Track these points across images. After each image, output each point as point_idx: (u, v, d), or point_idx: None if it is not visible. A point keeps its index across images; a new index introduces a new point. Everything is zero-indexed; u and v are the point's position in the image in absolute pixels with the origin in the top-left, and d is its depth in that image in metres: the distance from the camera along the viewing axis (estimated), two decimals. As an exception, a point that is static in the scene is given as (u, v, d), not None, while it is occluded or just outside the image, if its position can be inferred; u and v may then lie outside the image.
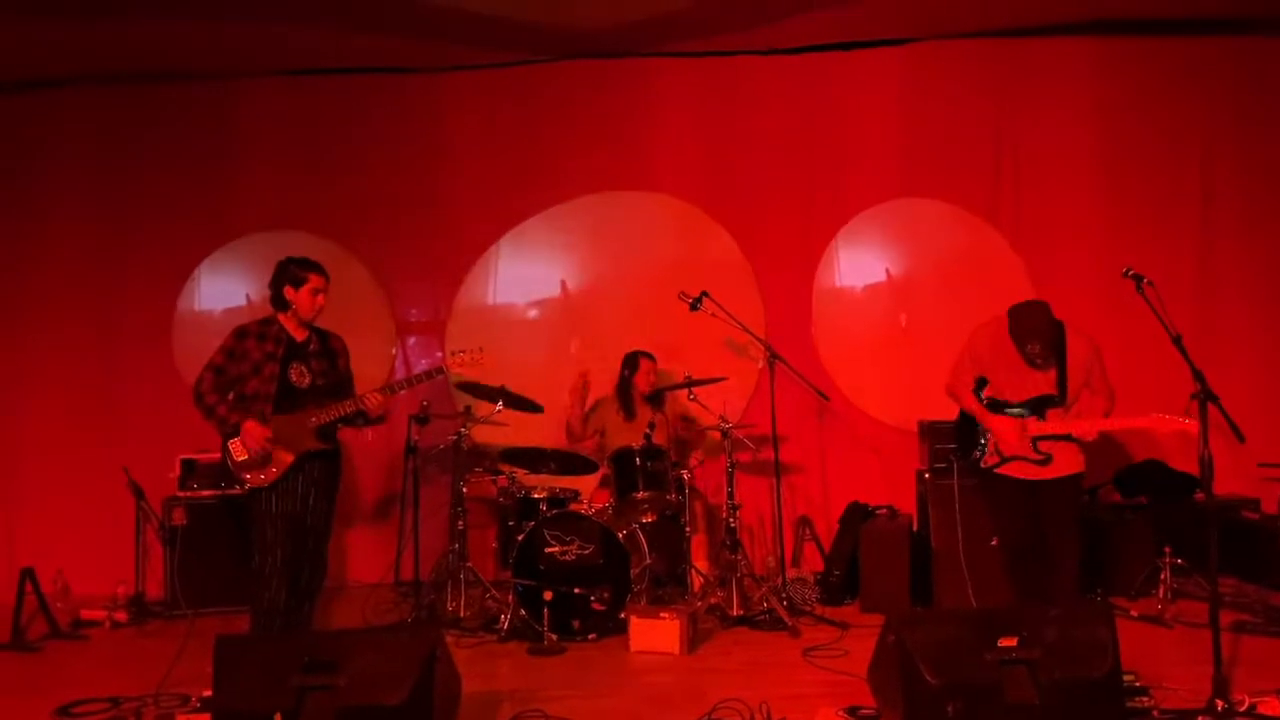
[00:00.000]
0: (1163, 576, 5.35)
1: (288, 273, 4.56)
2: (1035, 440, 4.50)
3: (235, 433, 4.41)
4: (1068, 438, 4.50)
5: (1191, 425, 4.01)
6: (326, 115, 6.88)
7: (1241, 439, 3.90)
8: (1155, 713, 3.65)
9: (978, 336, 4.71)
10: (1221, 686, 3.61)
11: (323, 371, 4.59)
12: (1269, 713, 3.59)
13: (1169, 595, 5.30)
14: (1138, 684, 3.77)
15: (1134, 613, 5.20)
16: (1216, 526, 3.89)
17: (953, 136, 6.72)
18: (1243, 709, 3.62)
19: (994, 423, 4.57)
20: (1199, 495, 5.70)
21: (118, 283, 6.79)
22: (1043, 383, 4.54)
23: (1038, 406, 4.53)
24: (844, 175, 6.79)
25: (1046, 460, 4.50)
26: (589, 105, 6.88)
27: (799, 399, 6.34)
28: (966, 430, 4.79)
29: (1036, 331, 4.40)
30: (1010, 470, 4.57)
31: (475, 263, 6.90)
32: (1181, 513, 5.73)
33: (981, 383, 4.69)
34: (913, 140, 6.74)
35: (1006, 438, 4.53)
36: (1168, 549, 5.41)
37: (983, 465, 4.67)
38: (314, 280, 4.54)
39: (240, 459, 4.41)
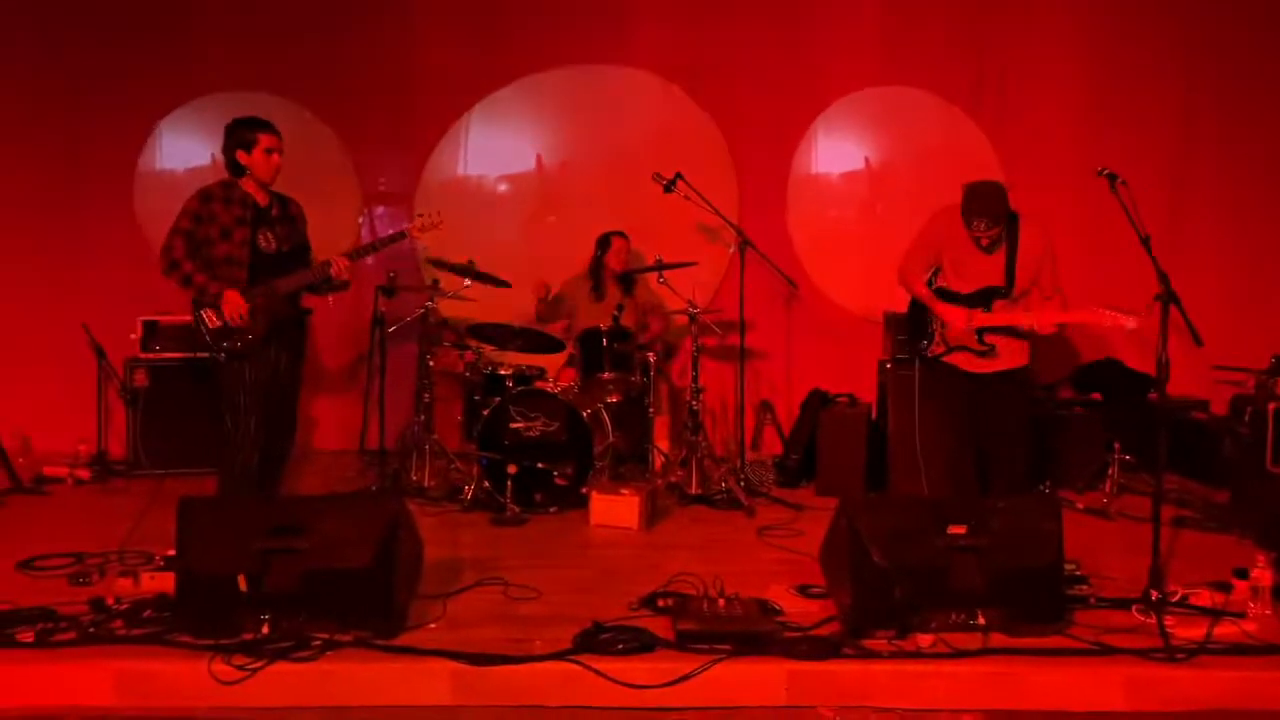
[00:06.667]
0: (1110, 472, 5.50)
1: (236, 136, 4.34)
2: (980, 332, 4.46)
3: (213, 303, 4.28)
4: (1013, 330, 4.45)
5: (1129, 321, 4.06)
6: (295, -30, 6.58)
7: (1199, 343, 3.93)
8: (1092, 600, 3.78)
9: (936, 220, 4.61)
10: (1157, 578, 3.74)
11: (287, 236, 4.48)
12: (1200, 604, 3.74)
13: (1115, 490, 5.46)
14: (1078, 573, 3.91)
15: (1080, 505, 5.35)
16: (1167, 426, 3.98)
17: (938, 25, 6.59)
18: (1175, 599, 3.76)
19: (942, 309, 4.53)
20: (1152, 395, 5.81)
21: (76, 141, 6.57)
22: (991, 273, 4.46)
23: (984, 298, 4.46)
24: (825, 59, 6.66)
25: (990, 352, 4.46)
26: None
27: (768, 286, 6.33)
28: (917, 319, 4.78)
29: (986, 208, 4.28)
30: (955, 361, 4.56)
31: (446, 132, 6.74)
32: (1133, 411, 5.85)
33: (935, 275, 4.64)
34: (896, 26, 6.61)
35: (955, 325, 4.48)
36: (1117, 445, 5.54)
37: (929, 354, 4.66)
38: (264, 140, 4.33)
39: (215, 327, 4.28)
